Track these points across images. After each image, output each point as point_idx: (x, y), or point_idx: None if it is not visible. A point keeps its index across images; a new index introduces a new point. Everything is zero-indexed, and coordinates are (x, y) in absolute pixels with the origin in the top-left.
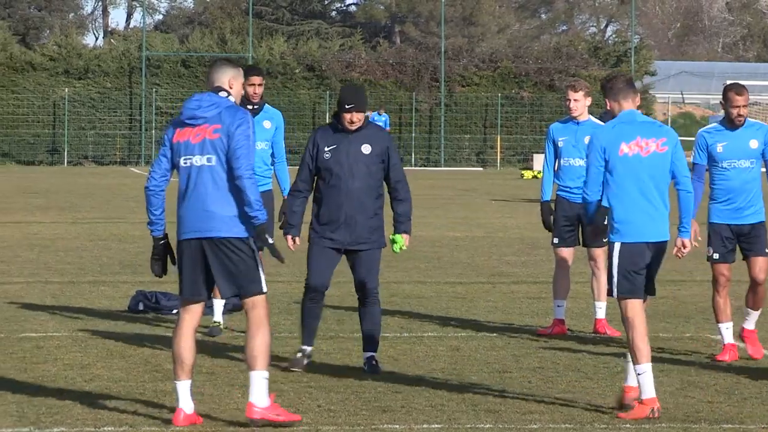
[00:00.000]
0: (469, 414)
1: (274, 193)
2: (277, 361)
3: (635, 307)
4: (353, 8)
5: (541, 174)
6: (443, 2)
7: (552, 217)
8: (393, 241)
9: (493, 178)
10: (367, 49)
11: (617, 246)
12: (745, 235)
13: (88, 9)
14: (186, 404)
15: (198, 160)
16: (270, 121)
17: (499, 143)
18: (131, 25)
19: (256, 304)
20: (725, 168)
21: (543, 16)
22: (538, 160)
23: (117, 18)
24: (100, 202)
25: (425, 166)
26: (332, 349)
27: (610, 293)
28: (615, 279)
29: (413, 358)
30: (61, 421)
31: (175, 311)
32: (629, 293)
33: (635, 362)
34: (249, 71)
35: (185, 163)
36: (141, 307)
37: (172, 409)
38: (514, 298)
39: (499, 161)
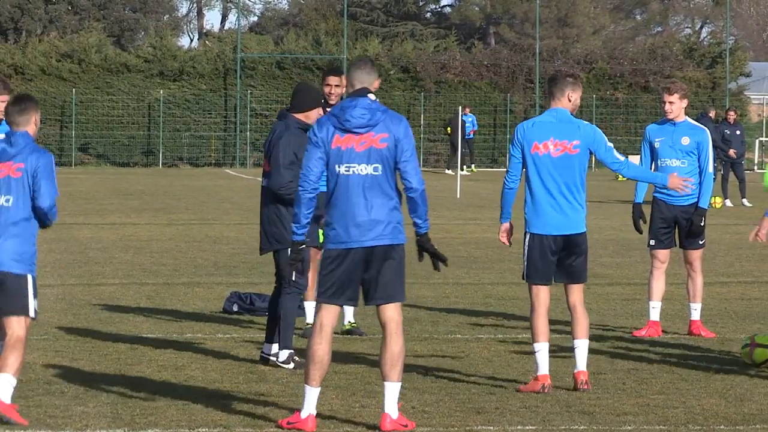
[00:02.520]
0: (563, 415)
1: None
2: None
3: (539, 292)
4: (448, 10)
5: None
6: (538, 3)
7: (641, 220)
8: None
9: (587, 179)
10: (462, 51)
11: (527, 236)
12: None
13: (183, 11)
14: (313, 410)
15: (363, 169)
16: None
17: None
18: (226, 27)
19: (397, 313)
20: None
21: (638, 17)
22: (634, 162)
23: (212, 20)
24: (194, 204)
25: None
26: (426, 351)
27: (522, 276)
28: (525, 265)
29: (507, 360)
30: (156, 423)
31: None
32: (535, 279)
33: (534, 340)
34: (326, 72)
35: (347, 170)
36: (235, 308)
37: (266, 410)
38: (608, 299)
39: (593, 162)
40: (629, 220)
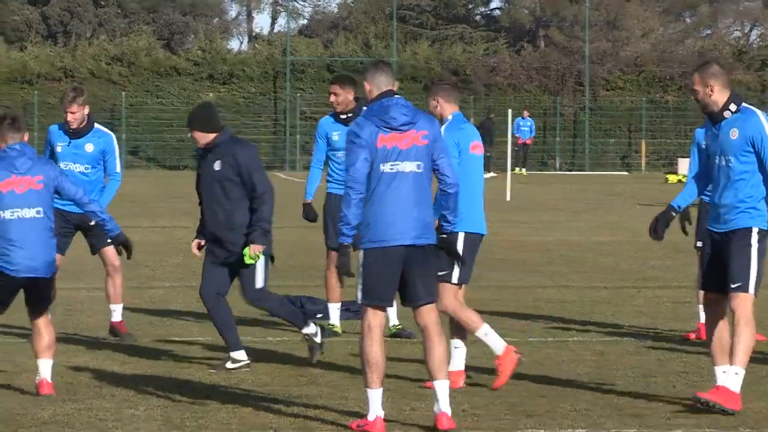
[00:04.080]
0: (613, 418)
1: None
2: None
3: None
4: (497, 12)
5: (686, 178)
6: (587, 6)
7: (687, 222)
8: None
9: (638, 182)
10: (512, 54)
11: (461, 235)
12: None
13: (233, 14)
14: (380, 411)
15: (407, 167)
16: None
17: (644, 147)
18: (275, 30)
19: (435, 314)
20: None
21: (687, 20)
22: (683, 165)
23: (261, 23)
24: None
25: (570, 170)
26: (476, 353)
27: (448, 279)
28: (459, 266)
29: (557, 363)
30: (206, 426)
31: (320, 315)
32: (468, 279)
33: (473, 329)
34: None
35: (392, 168)
36: None
37: (317, 412)
38: (659, 302)
39: (644, 165)
40: (676, 222)
